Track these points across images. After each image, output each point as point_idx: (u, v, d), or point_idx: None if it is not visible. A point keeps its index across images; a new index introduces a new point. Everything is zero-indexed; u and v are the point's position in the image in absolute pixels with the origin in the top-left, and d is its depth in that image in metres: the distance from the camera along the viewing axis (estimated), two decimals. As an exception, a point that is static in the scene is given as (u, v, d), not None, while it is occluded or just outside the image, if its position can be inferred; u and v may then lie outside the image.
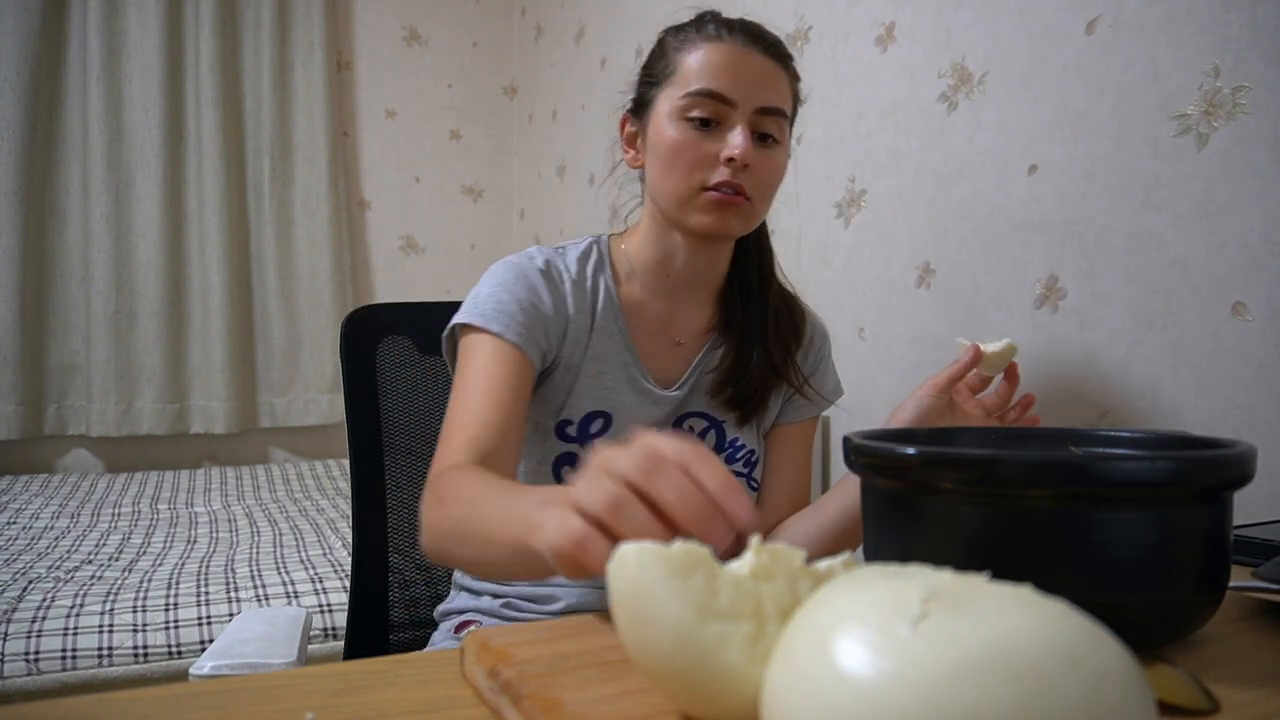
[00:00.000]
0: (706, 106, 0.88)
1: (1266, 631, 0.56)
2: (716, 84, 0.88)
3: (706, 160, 0.89)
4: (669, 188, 0.91)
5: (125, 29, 2.86)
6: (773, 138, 0.91)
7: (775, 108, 0.90)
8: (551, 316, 0.92)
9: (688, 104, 0.89)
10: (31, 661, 1.44)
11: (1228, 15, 1.01)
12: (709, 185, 0.89)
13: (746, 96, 0.88)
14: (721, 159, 0.88)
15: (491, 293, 0.90)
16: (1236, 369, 1.01)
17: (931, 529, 0.51)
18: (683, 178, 0.89)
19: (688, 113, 0.89)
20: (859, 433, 0.56)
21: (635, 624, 0.38)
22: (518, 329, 0.88)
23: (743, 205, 0.90)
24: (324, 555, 1.90)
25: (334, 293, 3.13)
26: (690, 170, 0.89)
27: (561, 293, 0.94)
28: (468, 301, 0.91)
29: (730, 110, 0.88)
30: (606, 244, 1.00)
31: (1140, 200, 1.11)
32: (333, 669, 0.49)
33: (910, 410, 0.96)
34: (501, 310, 0.89)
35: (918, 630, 0.30)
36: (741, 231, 0.93)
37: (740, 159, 0.87)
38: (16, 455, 2.85)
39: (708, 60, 0.89)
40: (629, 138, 0.99)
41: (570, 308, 0.93)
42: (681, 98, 0.89)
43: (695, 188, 0.89)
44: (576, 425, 0.94)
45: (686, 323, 1.00)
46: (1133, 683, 0.30)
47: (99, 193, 2.81)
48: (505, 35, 3.46)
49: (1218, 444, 0.53)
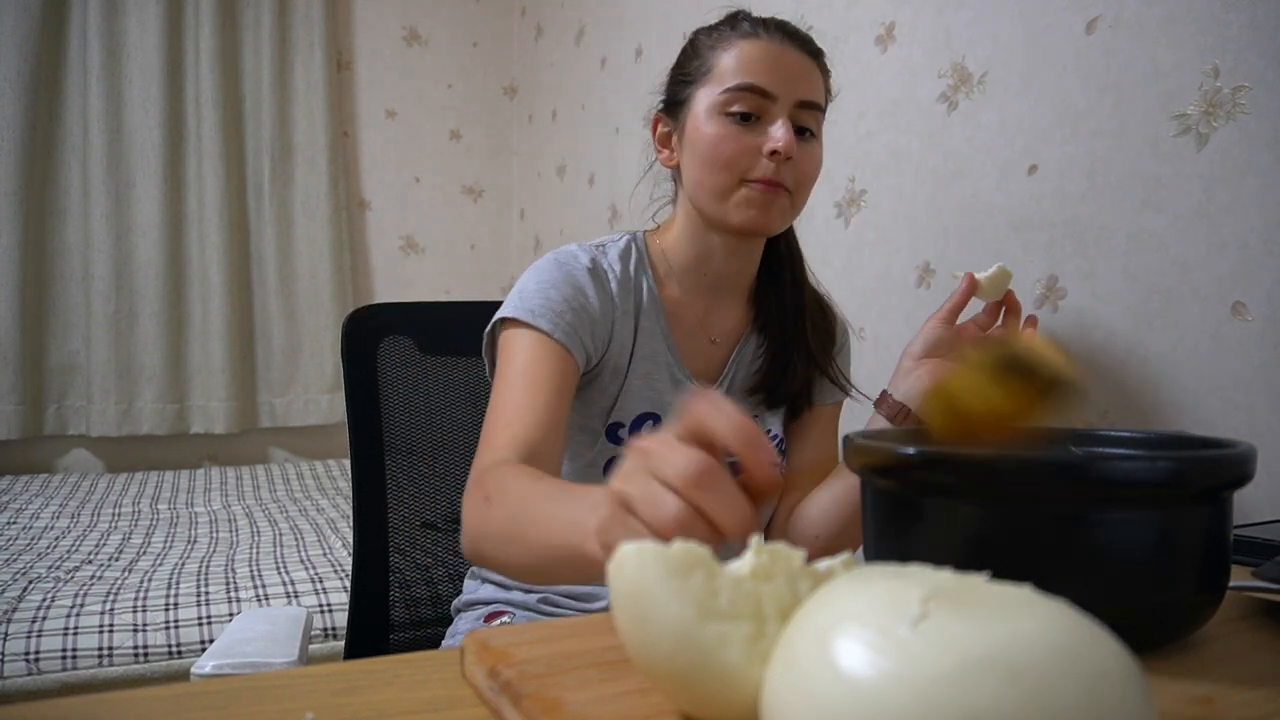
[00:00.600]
0: (747, 101, 0.89)
1: (1266, 631, 0.56)
2: (757, 78, 0.89)
3: (748, 154, 0.89)
4: (710, 183, 0.91)
5: (125, 29, 2.86)
6: (810, 132, 0.92)
7: (813, 101, 0.91)
8: (598, 317, 0.91)
9: (728, 99, 0.89)
10: (31, 661, 1.44)
11: (1228, 15, 1.01)
12: (750, 179, 0.89)
13: (786, 90, 0.89)
14: (764, 152, 0.88)
15: (539, 288, 0.90)
16: (1236, 369, 1.01)
17: (931, 529, 0.51)
18: (724, 171, 0.90)
19: (728, 108, 0.89)
20: (859, 433, 0.56)
21: (635, 624, 0.38)
22: (565, 327, 0.88)
23: (783, 198, 0.90)
24: (324, 555, 1.90)
25: (334, 293, 3.13)
26: (732, 164, 0.89)
27: (608, 292, 0.93)
28: (512, 297, 0.91)
29: (770, 104, 0.89)
30: (644, 242, 1.01)
31: (1140, 200, 1.11)
32: (333, 669, 0.49)
33: (920, 344, 0.99)
34: (549, 307, 0.88)
35: (918, 630, 0.30)
36: (781, 226, 0.94)
37: (784, 151, 0.88)
38: (16, 455, 2.85)
39: (746, 56, 0.90)
40: (662, 138, 0.99)
41: (616, 308, 0.93)
42: (721, 94, 0.90)
43: (736, 181, 0.90)
44: (628, 427, 0.95)
45: (722, 322, 1.01)
46: (1133, 683, 0.30)
47: (99, 193, 2.81)
48: (505, 35, 3.46)
49: (1218, 444, 0.53)
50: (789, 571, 0.38)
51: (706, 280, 0.99)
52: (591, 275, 0.92)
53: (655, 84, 1.03)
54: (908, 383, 0.99)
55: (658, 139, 1.00)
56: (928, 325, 1.00)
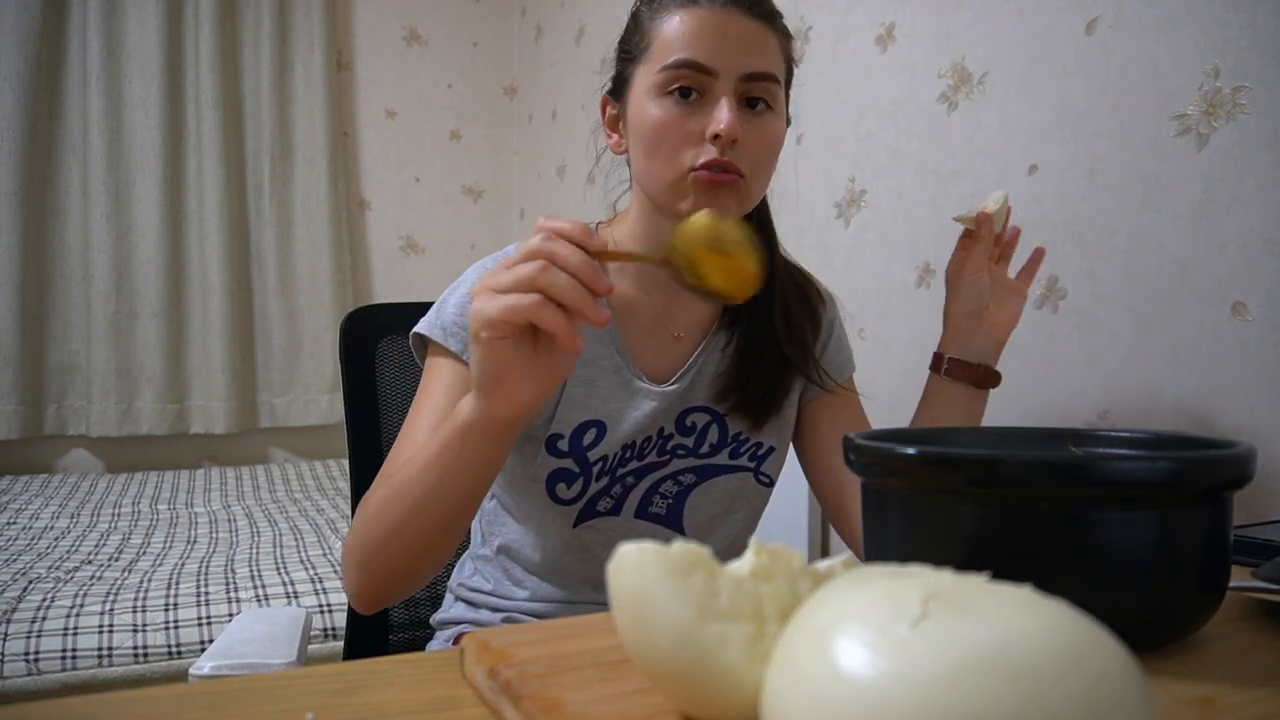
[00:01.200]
0: (686, 78, 0.80)
1: (1266, 631, 0.56)
2: (694, 53, 0.80)
3: (691, 138, 0.81)
4: (654, 172, 0.83)
5: (125, 29, 2.86)
6: (764, 103, 0.83)
7: (763, 72, 0.82)
8: None
9: (666, 78, 0.81)
10: (31, 661, 1.44)
11: (1228, 15, 1.01)
12: (696, 166, 0.80)
13: (729, 64, 0.80)
14: (707, 136, 0.80)
15: (458, 300, 0.85)
16: (1236, 369, 1.01)
17: (931, 529, 0.51)
18: (668, 160, 0.81)
19: (667, 88, 0.81)
20: (859, 433, 0.56)
21: (635, 624, 0.38)
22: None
23: (736, 184, 0.82)
24: (324, 555, 1.90)
25: (334, 293, 3.13)
26: (675, 151, 0.81)
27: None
28: (433, 308, 0.87)
29: (712, 80, 0.80)
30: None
31: (1140, 200, 1.11)
32: (333, 669, 0.49)
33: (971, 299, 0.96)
34: (462, 323, 0.83)
35: (918, 630, 0.30)
36: (739, 212, 0.84)
37: (727, 134, 0.79)
38: (16, 455, 2.85)
39: (684, 28, 0.81)
40: (610, 121, 0.91)
41: None
42: (659, 72, 0.81)
43: (682, 170, 0.81)
44: (568, 439, 0.88)
45: (685, 316, 0.93)
46: (1133, 683, 0.30)
47: (99, 193, 2.82)
48: (505, 35, 3.46)
49: (1218, 444, 0.53)
50: (789, 571, 0.38)
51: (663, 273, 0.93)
52: None
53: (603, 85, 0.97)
54: (976, 340, 0.95)
55: (606, 122, 0.92)
56: (967, 277, 0.95)
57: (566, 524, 0.91)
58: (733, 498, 0.96)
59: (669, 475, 0.93)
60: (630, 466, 0.91)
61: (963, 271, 0.96)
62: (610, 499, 0.91)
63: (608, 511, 0.91)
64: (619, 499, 0.92)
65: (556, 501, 0.89)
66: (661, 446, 0.92)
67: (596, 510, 0.91)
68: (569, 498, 0.89)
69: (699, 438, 0.93)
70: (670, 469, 0.93)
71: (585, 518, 0.91)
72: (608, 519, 0.91)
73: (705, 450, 0.93)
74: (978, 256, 0.95)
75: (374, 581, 0.76)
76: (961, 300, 0.96)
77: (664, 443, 0.92)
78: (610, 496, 0.91)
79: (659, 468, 0.92)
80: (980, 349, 0.95)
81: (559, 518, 0.90)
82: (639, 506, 0.92)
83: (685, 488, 0.93)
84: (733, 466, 0.95)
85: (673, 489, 0.93)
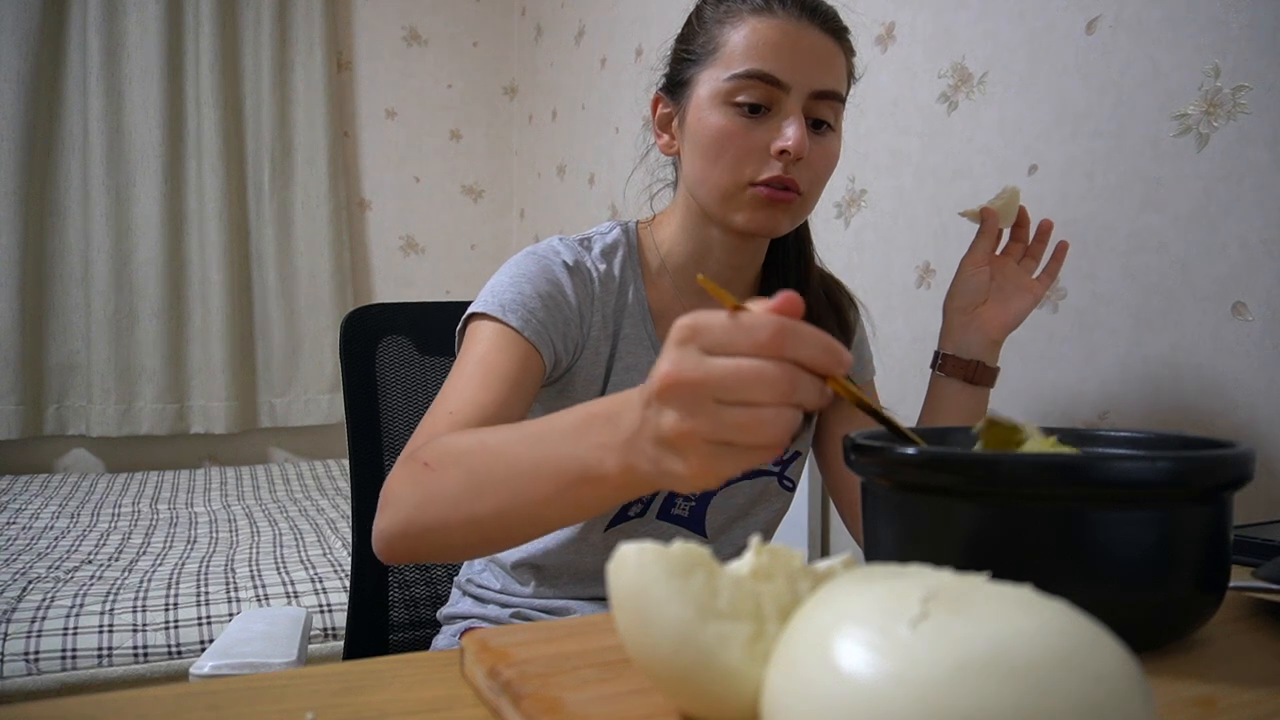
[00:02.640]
0: (756, 90, 0.78)
1: (1266, 631, 0.56)
2: (767, 64, 0.78)
3: (755, 152, 0.79)
4: (712, 181, 0.81)
5: (125, 29, 2.86)
6: (827, 124, 0.82)
7: (832, 91, 0.81)
8: (573, 319, 0.84)
9: (734, 87, 0.79)
10: (31, 661, 1.44)
11: (1228, 15, 1.01)
12: (757, 181, 0.79)
13: (801, 79, 0.78)
14: (773, 151, 0.79)
15: (513, 282, 0.82)
16: (1236, 369, 1.01)
17: (931, 529, 0.51)
18: (728, 171, 0.80)
19: (734, 97, 0.79)
20: (859, 433, 0.56)
21: (635, 624, 0.38)
22: (536, 325, 0.80)
23: (794, 201, 0.81)
24: (324, 555, 1.90)
25: (334, 293, 3.13)
26: (737, 163, 0.80)
27: (589, 293, 0.86)
28: (485, 291, 0.83)
29: (782, 95, 0.78)
30: (635, 235, 0.92)
31: (1140, 200, 1.11)
32: (333, 669, 0.49)
33: (965, 295, 0.94)
34: (522, 302, 0.81)
35: (918, 630, 0.30)
36: (790, 228, 0.84)
37: (795, 152, 0.78)
38: (16, 455, 2.85)
39: (757, 37, 0.78)
40: (662, 120, 0.89)
41: (594, 312, 0.86)
42: (727, 80, 0.79)
43: (742, 183, 0.80)
44: None
45: None
46: (1132, 683, 0.30)
47: (99, 193, 2.81)
48: (505, 35, 3.46)
49: (1218, 444, 0.53)
50: (789, 571, 0.38)
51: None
52: (571, 273, 0.85)
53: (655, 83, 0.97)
54: (968, 337, 0.94)
55: (657, 121, 0.89)
56: (965, 273, 0.94)
57: (599, 527, 0.90)
58: (754, 500, 0.96)
59: None
60: None
61: (962, 266, 0.95)
62: (640, 503, 0.91)
63: (636, 515, 0.92)
64: (646, 502, 0.91)
65: None
66: None
67: (628, 515, 0.91)
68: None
69: None
70: None
71: (617, 521, 0.91)
72: (634, 521, 0.92)
73: None
74: (976, 251, 0.94)
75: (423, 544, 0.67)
76: (955, 295, 0.95)
77: None
78: (640, 501, 0.91)
79: None
80: (974, 345, 0.94)
81: (593, 522, 0.90)
82: (662, 508, 0.92)
83: (709, 491, 0.92)
84: (756, 471, 0.94)
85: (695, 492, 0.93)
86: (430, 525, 0.64)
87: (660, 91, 0.89)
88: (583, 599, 0.93)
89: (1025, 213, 0.97)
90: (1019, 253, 0.96)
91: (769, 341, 0.43)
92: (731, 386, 0.43)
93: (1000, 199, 0.95)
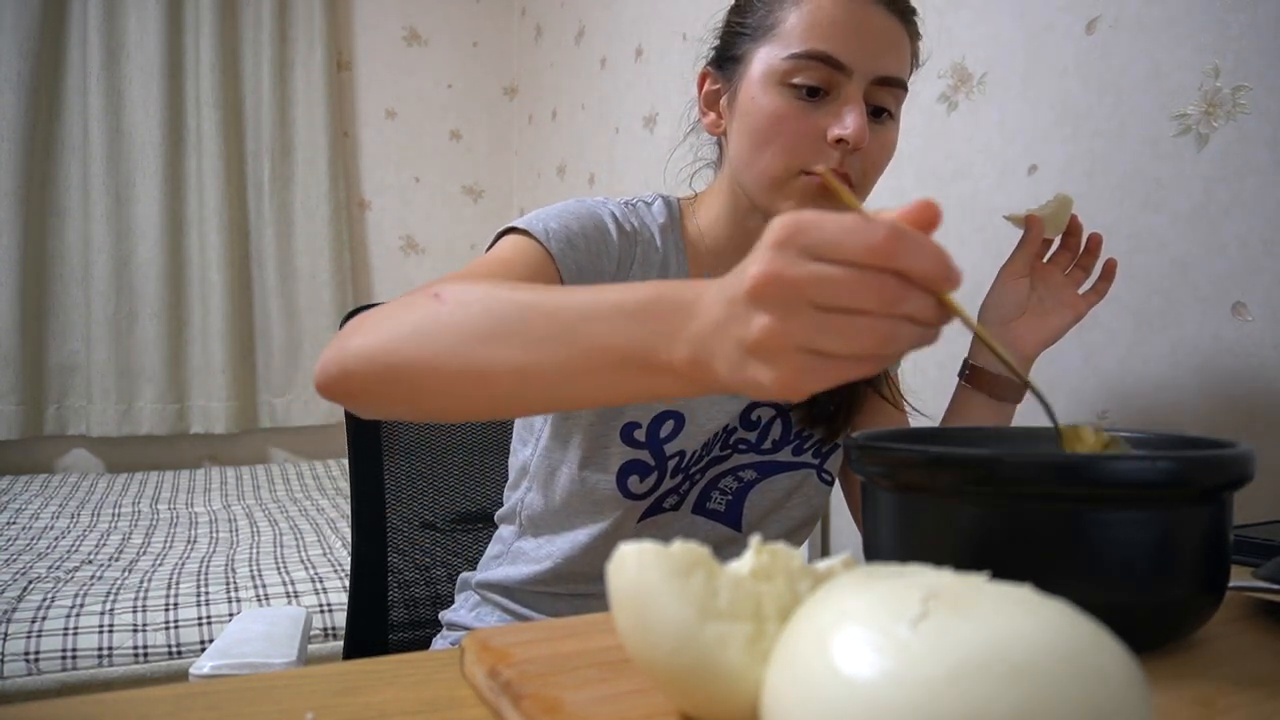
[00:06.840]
0: (815, 72, 0.73)
1: (1266, 631, 0.56)
2: (828, 45, 0.73)
3: (811, 139, 0.74)
4: (760, 166, 0.76)
5: (125, 29, 2.86)
6: (888, 112, 0.77)
7: (896, 78, 0.76)
8: (614, 271, 0.79)
9: (792, 67, 0.74)
10: (31, 661, 1.44)
11: (1228, 15, 1.01)
12: (811, 170, 0.75)
13: (864, 63, 0.73)
14: (830, 139, 0.74)
15: (559, 215, 0.78)
16: (1236, 369, 1.01)
17: (931, 529, 0.51)
18: (780, 157, 0.75)
19: (791, 78, 0.74)
20: (860, 433, 0.56)
21: (635, 624, 0.38)
22: (573, 263, 0.75)
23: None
24: (324, 555, 1.90)
25: (334, 293, 3.13)
26: (790, 149, 0.75)
27: (631, 255, 0.81)
28: (529, 215, 0.78)
29: (843, 79, 0.73)
30: (679, 210, 0.88)
31: (1140, 200, 1.11)
32: (333, 669, 0.49)
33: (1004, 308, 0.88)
34: (566, 235, 0.76)
35: (918, 630, 0.30)
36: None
37: (854, 142, 0.73)
38: (16, 455, 2.85)
39: (819, 15, 0.73)
40: (709, 98, 0.83)
41: (635, 275, 0.81)
42: (785, 59, 0.74)
43: (793, 170, 0.75)
44: (645, 429, 0.81)
45: None
46: (1132, 683, 0.30)
47: (99, 193, 2.82)
48: (505, 35, 3.46)
49: (1218, 444, 0.53)
50: (789, 571, 0.38)
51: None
52: (620, 228, 0.80)
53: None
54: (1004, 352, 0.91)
55: (704, 98, 0.84)
56: (1002, 284, 0.88)
57: (632, 519, 0.86)
58: (790, 492, 0.92)
59: (730, 470, 0.89)
60: (700, 463, 0.87)
61: (1000, 275, 0.90)
62: (677, 495, 0.87)
63: (671, 508, 0.88)
64: (683, 494, 0.88)
65: (627, 495, 0.83)
66: (725, 440, 0.88)
67: (663, 507, 0.87)
68: (641, 492, 0.84)
69: (762, 433, 0.89)
70: (731, 464, 0.89)
71: (651, 513, 0.87)
72: (668, 514, 0.88)
73: (768, 446, 0.89)
74: (1015, 261, 0.89)
75: (366, 382, 0.59)
76: (990, 306, 0.90)
77: (727, 436, 0.88)
78: (678, 494, 0.87)
79: (721, 461, 0.88)
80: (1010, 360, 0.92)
81: (626, 513, 0.85)
82: (697, 501, 0.89)
83: (745, 484, 0.89)
84: (795, 464, 0.90)
85: (733, 485, 0.89)
86: (413, 361, 0.55)
87: (709, 66, 0.84)
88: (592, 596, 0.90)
89: (1078, 221, 0.91)
90: (1066, 262, 0.91)
91: (880, 246, 0.39)
92: (833, 291, 0.39)
93: (1049, 206, 0.89)
